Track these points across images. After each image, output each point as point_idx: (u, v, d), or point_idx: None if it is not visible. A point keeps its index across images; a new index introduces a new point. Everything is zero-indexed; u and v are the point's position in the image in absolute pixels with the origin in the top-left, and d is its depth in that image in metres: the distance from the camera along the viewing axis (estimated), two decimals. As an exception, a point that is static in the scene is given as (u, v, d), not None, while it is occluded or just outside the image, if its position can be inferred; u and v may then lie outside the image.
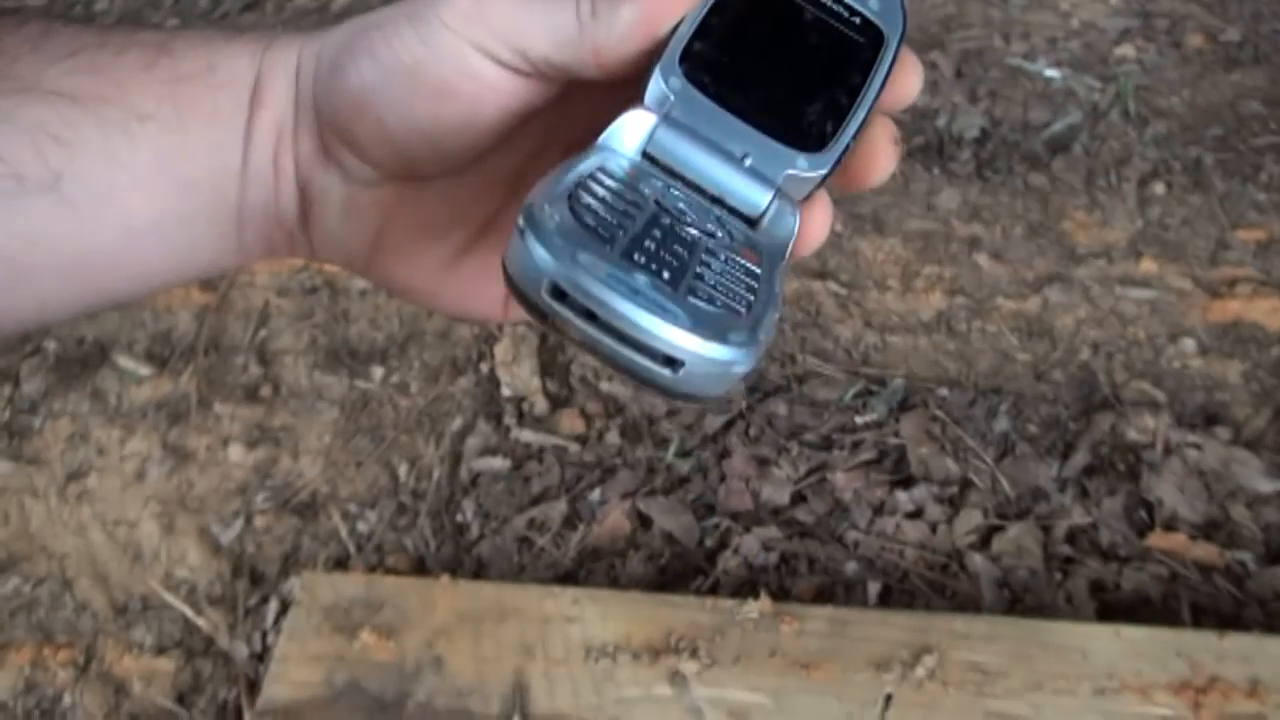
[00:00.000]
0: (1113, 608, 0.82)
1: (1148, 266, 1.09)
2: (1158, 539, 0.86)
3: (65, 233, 0.28)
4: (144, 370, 1.07)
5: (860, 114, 0.27)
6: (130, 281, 0.31)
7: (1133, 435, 0.93)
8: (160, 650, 0.88)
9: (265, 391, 1.05)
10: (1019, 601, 0.84)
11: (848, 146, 0.27)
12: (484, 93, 0.28)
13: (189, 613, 0.89)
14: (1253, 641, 0.75)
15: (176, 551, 0.94)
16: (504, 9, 0.27)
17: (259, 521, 0.95)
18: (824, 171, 0.27)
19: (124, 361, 1.08)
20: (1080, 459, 0.92)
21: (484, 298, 0.32)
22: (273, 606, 0.88)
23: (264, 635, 0.87)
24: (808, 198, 0.27)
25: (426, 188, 0.31)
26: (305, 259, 0.33)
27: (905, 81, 0.28)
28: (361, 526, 0.94)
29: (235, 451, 1.00)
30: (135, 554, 0.94)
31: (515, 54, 0.27)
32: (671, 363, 0.22)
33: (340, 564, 0.91)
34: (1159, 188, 1.17)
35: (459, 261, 0.32)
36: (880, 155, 0.27)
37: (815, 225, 0.27)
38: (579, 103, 0.30)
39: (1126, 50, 1.36)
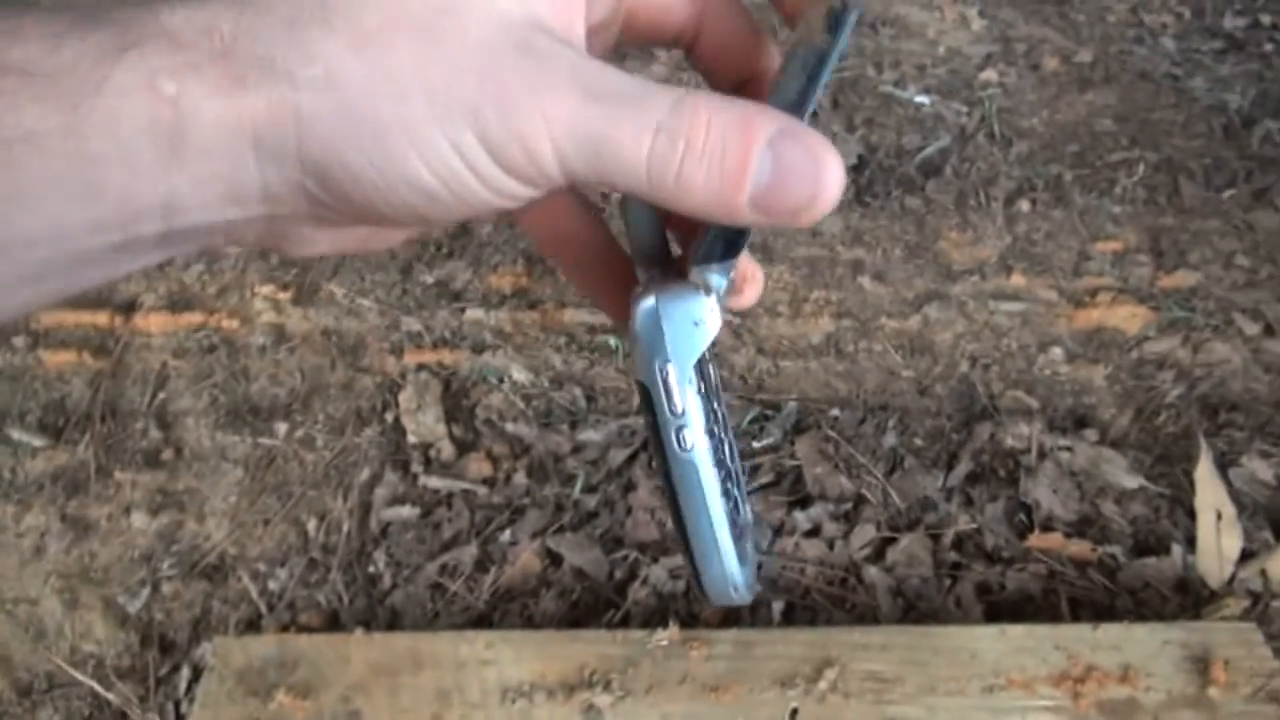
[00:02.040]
0: (998, 608, 0.88)
1: (1017, 280, 1.16)
2: (1037, 539, 0.91)
3: None
4: (38, 441, 1.05)
5: None
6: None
7: (1010, 442, 0.99)
8: (69, 729, 0.87)
9: (167, 455, 1.04)
10: (913, 609, 0.88)
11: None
12: (510, 204, 0.29)
13: (98, 688, 0.88)
14: (1122, 630, 0.80)
15: (81, 625, 0.93)
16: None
17: (166, 588, 0.94)
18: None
19: (16, 433, 1.06)
20: (963, 468, 0.98)
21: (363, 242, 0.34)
22: (185, 674, 0.88)
23: (177, 705, 0.86)
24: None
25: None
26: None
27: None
28: (272, 585, 0.94)
29: (138, 519, 0.99)
30: (38, 631, 0.92)
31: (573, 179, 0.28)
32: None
33: (252, 625, 0.91)
34: (1024, 205, 1.25)
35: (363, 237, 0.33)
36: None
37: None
38: None
39: (989, 75, 1.44)
